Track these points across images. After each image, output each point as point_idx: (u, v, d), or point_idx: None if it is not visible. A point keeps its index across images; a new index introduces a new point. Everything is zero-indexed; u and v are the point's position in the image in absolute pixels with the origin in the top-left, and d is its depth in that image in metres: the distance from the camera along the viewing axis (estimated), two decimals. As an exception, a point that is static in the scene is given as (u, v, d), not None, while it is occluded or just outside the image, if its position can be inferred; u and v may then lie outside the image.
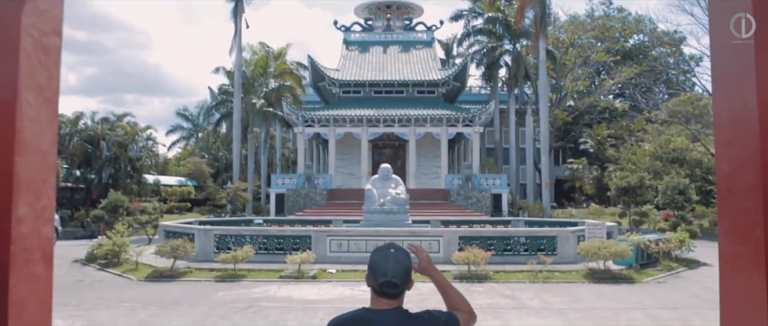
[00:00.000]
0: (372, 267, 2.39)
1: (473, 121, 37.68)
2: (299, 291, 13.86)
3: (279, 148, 46.38)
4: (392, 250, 2.42)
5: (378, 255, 2.41)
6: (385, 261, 2.37)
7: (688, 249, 18.53)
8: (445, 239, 18.05)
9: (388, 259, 2.37)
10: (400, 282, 2.35)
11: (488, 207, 35.30)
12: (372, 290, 2.42)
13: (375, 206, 20.73)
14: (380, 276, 2.34)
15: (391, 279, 2.33)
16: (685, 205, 25.37)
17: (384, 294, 2.36)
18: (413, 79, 40.38)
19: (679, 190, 25.02)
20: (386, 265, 2.36)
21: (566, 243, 18.19)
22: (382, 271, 2.35)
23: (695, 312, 11.82)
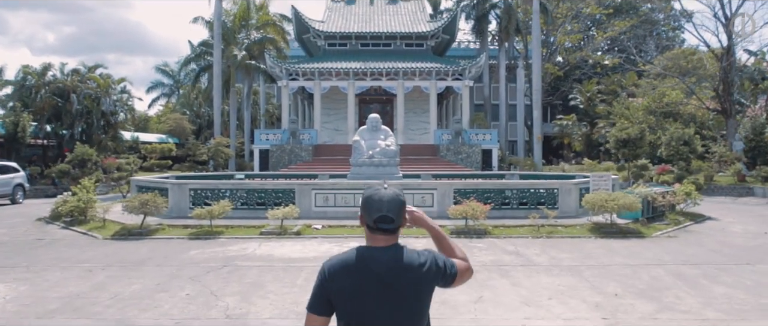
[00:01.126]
0: (366, 204, 2.34)
1: (463, 74, 35.98)
2: (281, 248, 12.36)
3: (263, 104, 44.41)
4: (385, 186, 2.38)
5: (371, 192, 2.37)
6: (379, 197, 2.33)
7: (694, 203, 17.23)
8: (440, 192, 16.58)
9: (381, 194, 2.33)
10: (395, 216, 2.31)
11: (478, 162, 33.94)
12: (367, 228, 2.37)
13: (363, 158, 19.17)
14: (374, 211, 2.30)
15: (386, 214, 2.29)
16: (690, 157, 24.09)
17: (380, 229, 2.32)
18: (401, 32, 38.44)
19: (684, 141, 23.68)
20: (380, 200, 2.31)
21: (568, 197, 16.80)
22: (377, 206, 2.31)
23: (720, 268, 10.49)
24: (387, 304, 2.30)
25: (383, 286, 2.29)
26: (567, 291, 8.81)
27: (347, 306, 2.32)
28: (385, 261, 2.31)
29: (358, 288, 2.30)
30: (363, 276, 2.30)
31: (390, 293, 2.30)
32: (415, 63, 36.00)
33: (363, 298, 2.30)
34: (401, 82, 35.72)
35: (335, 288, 2.32)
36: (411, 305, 2.34)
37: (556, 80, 47.19)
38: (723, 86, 30.20)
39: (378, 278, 2.29)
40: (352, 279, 2.31)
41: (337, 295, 2.32)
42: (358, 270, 2.31)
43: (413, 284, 2.34)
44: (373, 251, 2.35)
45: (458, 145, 34.22)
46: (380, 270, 2.29)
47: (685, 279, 9.60)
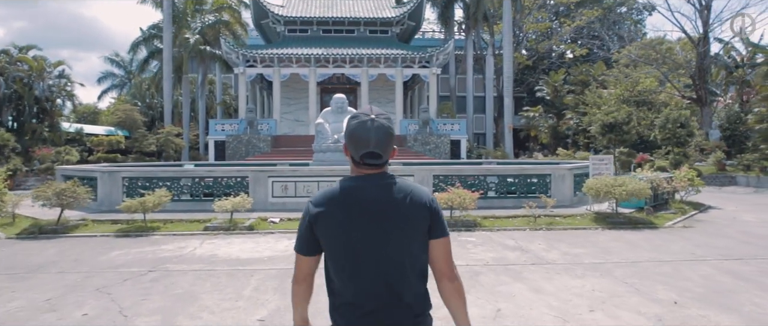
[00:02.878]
0: (352, 138, 2.06)
1: (430, 61, 33.57)
2: (228, 247, 9.68)
3: (219, 94, 41.15)
4: (372, 117, 2.07)
5: (358, 125, 2.05)
6: (366, 131, 2.03)
7: (696, 190, 15.19)
8: (417, 179, 14.10)
9: (369, 129, 2.04)
10: (383, 151, 2.05)
11: (447, 153, 31.67)
12: (351, 160, 2.11)
13: (327, 143, 16.56)
14: (361, 146, 2.04)
15: (373, 150, 2.03)
16: (687, 140, 22.27)
17: (366, 164, 2.07)
18: (365, 17, 35.83)
19: (681, 123, 21.82)
20: (368, 135, 2.03)
21: (562, 183, 14.54)
22: (364, 142, 2.03)
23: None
24: (379, 236, 2.00)
25: (373, 216, 2.00)
26: (608, 298, 6.45)
27: (335, 241, 2.03)
28: (374, 190, 2.03)
29: (346, 220, 2.00)
30: (350, 207, 2.01)
31: (381, 223, 2.00)
32: (380, 50, 33.46)
33: (352, 231, 2.00)
34: (365, 70, 33.14)
35: (321, 224, 2.04)
36: (405, 236, 2.02)
37: (522, 72, 45.31)
38: (699, 74, 28.69)
39: (367, 208, 2.01)
40: (339, 212, 2.01)
41: (323, 231, 2.04)
42: (345, 202, 2.02)
43: (405, 214, 2.02)
44: (360, 181, 2.06)
45: (426, 135, 31.85)
46: (369, 199, 2.02)
47: (745, 279, 7.38)
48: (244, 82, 33.16)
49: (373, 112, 2.10)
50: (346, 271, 2.04)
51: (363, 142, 2.02)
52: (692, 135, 22.20)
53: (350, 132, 2.07)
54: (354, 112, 2.30)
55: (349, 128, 2.08)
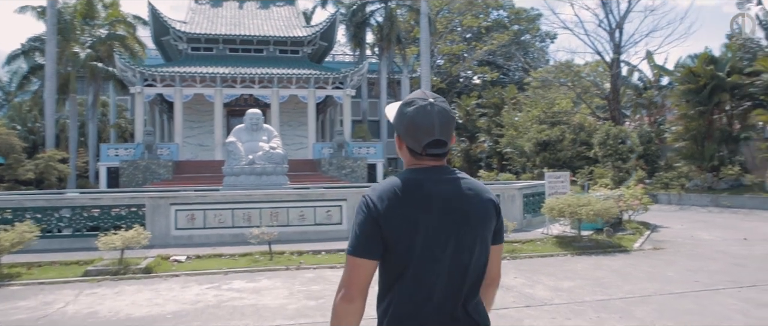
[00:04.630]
0: (412, 125, 1.79)
1: (344, 82, 31.65)
2: (115, 299, 7.02)
3: (113, 116, 36.94)
4: (431, 101, 1.80)
5: (417, 110, 1.79)
6: (429, 117, 1.77)
7: (644, 209, 14.03)
8: (351, 204, 11.91)
9: (431, 114, 1.78)
10: (448, 138, 1.81)
11: (364, 177, 29.73)
12: (409, 152, 1.84)
13: (241, 164, 14.05)
14: (425, 134, 1.77)
15: (439, 137, 1.78)
16: (629, 157, 21.53)
17: (430, 155, 1.81)
18: (275, 36, 33.42)
19: (621, 139, 21.08)
20: (431, 120, 1.77)
21: (512, 205, 12.87)
22: (427, 129, 1.77)
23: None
24: (450, 237, 1.75)
25: (445, 214, 1.75)
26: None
27: (402, 240, 1.73)
28: (443, 185, 1.78)
29: (416, 216, 1.73)
30: (422, 202, 1.74)
31: (454, 223, 1.76)
32: (292, 70, 31.13)
33: (422, 230, 1.73)
34: (276, 91, 30.65)
35: (390, 219, 1.73)
36: (477, 238, 1.79)
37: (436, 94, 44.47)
38: (613, 95, 28.67)
39: (438, 204, 1.75)
40: (408, 207, 1.74)
41: (392, 229, 1.73)
42: (416, 195, 1.75)
43: (478, 213, 1.80)
44: (428, 172, 1.80)
45: (341, 158, 29.75)
46: (439, 194, 1.76)
47: None
48: (142, 102, 29.66)
49: (429, 96, 1.82)
50: (408, 278, 1.74)
51: (426, 129, 1.76)
52: (633, 151, 21.64)
53: (410, 119, 1.78)
54: (406, 99, 1.84)
55: (407, 115, 1.79)
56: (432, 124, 1.76)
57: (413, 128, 1.77)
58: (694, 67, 21.92)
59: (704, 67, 21.26)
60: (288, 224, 11.52)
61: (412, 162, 1.85)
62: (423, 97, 1.82)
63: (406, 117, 1.79)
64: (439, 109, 1.79)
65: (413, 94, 1.84)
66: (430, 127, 1.76)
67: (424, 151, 1.79)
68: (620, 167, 20.92)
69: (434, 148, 1.79)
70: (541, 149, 21.65)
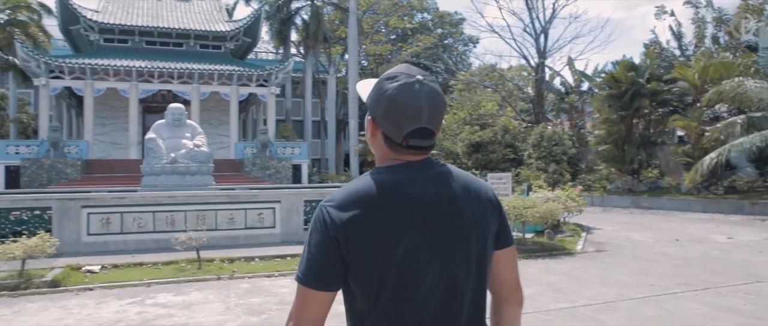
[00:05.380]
0: (393, 107, 1.36)
1: (269, 80, 30.46)
2: (12, 320, 5.92)
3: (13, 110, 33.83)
4: (419, 78, 1.38)
5: (401, 88, 1.36)
6: (416, 97, 1.35)
7: (579, 211, 14.07)
8: (285, 207, 11.09)
9: (419, 94, 1.36)
10: (436, 128, 1.40)
11: (288, 178, 28.76)
12: (386, 142, 1.40)
13: (162, 163, 12.87)
14: (409, 121, 1.35)
15: (426, 125, 1.36)
16: (562, 159, 21.68)
17: (413, 147, 1.38)
18: (196, 30, 31.73)
19: (555, 141, 21.20)
20: (418, 103, 1.35)
21: (451, 207, 12.44)
22: (412, 113, 1.35)
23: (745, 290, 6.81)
24: (437, 249, 1.34)
25: (429, 220, 1.34)
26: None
27: (374, 262, 1.31)
28: (425, 183, 1.37)
29: (391, 228, 1.31)
30: (397, 210, 1.33)
31: (441, 230, 1.35)
32: (214, 65, 29.61)
33: (400, 245, 1.31)
34: (196, 87, 29.06)
35: (354, 236, 1.31)
36: (473, 246, 1.38)
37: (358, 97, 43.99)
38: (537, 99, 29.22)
39: (420, 209, 1.34)
40: (380, 217, 1.32)
41: (357, 247, 1.31)
42: (389, 202, 1.33)
43: (472, 215, 1.40)
44: (403, 171, 1.38)
45: (265, 158, 28.61)
46: (421, 195, 1.35)
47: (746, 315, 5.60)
48: (47, 96, 27.26)
49: (416, 72, 1.40)
50: (387, 306, 1.32)
51: (411, 113, 1.34)
52: (566, 153, 21.93)
53: (390, 98, 1.35)
54: (388, 73, 1.42)
55: (387, 93, 1.36)
56: (419, 107, 1.35)
57: (395, 110, 1.36)
58: (616, 73, 22.58)
59: (625, 74, 21.93)
60: (216, 228, 10.55)
61: (388, 156, 1.42)
62: (409, 72, 1.40)
63: (386, 95, 1.37)
64: (429, 89, 1.38)
65: (397, 68, 1.43)
66: (416, 110, 1.35)
67: (405, 142, 1.37)
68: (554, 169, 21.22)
69: (419, 139, 1.38)
70: (473, 150, 21.57)
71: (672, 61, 22.67)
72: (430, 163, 1.43)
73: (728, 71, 18.78)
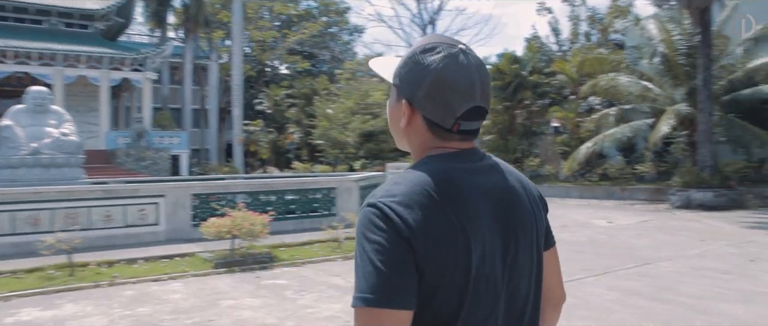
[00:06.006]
0: (442, 84, 1.12)
1: (144, 64, 28.35)
2: None
3: None
4: (462, 47, 1.17)
5: (448, 62, 1.13)
6: (466, 71, 1.13)
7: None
8: (170, 201, 10.12)
9: (469, 67, 1.14)
10: (488, 106, 1.19)
11: (167, 170, 27.05)
12: (429, 128, 1.16)
13: (22, 153, 11.33)
14: (463, 100, 1.13)
15: (480, 104, 1.15)
16: None
17: (463, 132, 1.16)
18: (59, 6, 28.78)
19: None
20: (470, 77, 1.13)
21: (348, 198, 12.05)
22: (465, 90, 1.13)
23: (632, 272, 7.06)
24: (507, 251, 1.14)
25: (502, 220, 1.14)
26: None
27: (457, 271, 1.07)
28: (489, 173, 1.17)
29: (471, 228, 1.08)
30: (473, 204, 1.11)
31: (509, 229, 1.15)
32: (81, 47, 27.00)
33: (475, 246, 1.08)
34: (61, 70, 26.35)
35: (431, 239, 1.05)
36: (536, 247, 1.22)
37: (243, 83, 42.40)
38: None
39: (492, 206, 1.14)
40: (457, 213, 1.08)
41: (433, 253, 1.05)
42: (456, 196, 1.10)
43: (532, 212, 1.22)
44: (461, 160, 1.15)
45: (140, 149, 26.68)
46: (490, 189, 1.15)
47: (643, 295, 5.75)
48: None
49: (455, 41, 1.18)
50: (461, 318, 1.09)
51: (463, 90, 1.12)
52: None
53: (435, 75, 1.12)
54: (422, 44, 1.17)
55: (431, 69, 1.12)
56: (471, 81, 1.13)
57: (443, 88, 1.13)
58: (501, 65, 23.35)
59: (510, 66, 22.74)
60: (90, 227, 9.37)
61: (432, 144, 1.18)
62: (448, 41, 1.18)
63: (428, 71, 1.14)
64: (476, 60, 1.17)
65: (431, 38, 1.19)
66: (468, 86, 1.13)
67: (456, 126, 1.15)
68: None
69: (472, 121, 1.16)
70: (365, 140, 21.36)
71: (551, 55, 23.83)
72: (479, 154, 1.20)
73: (602, 66, 20.02)
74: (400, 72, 1.19)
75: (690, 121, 16.72)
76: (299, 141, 38.32)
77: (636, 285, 6.61)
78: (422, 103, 1.14)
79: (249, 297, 6.36)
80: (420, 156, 1.19)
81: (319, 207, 11.71)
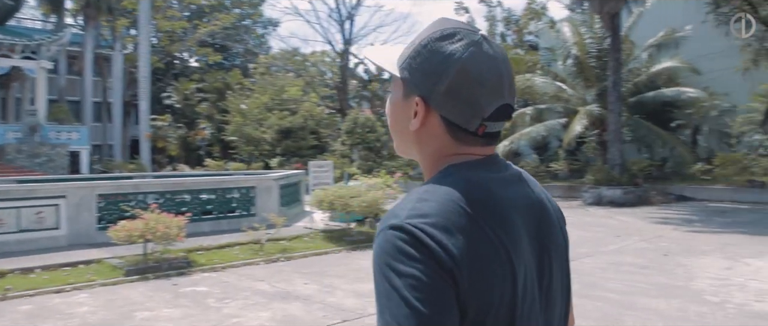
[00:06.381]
0: (467, 79, 0.93)
1: (38, 52, 26.15)
2: None
3: None
4: (484, 34, 0.96)
5: (474, 52, 0.93)
6: (494, 63, 0.94)
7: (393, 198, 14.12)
8: (73, 202, 9.20)
9: (496, 59, 0.95)
10: (514, 104, 1.02)
11: (65, 167, 25.15)
12: (451, 131, 0.96)
13: None
14: (491, 97, 0.94)
15: (508, 101, 0.97)
16: (376, 145, 21.35)
17: (489, 136, 0.97)
18: (-63, -15, 25.96)
19: (369, 127, 20.82)
20: (498, 70, 0.95)
21: (268, 197, 11.53)
22: (494, 86, 0.94)
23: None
24: (546, 277, 1.00)
25: (538, 238, 0.99)
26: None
27: (502, 305, 0.89)
28: (516, 183, 1.00)
29: (514, 251, 0.91)
30: (510, 223, 0.93)
31: (544, 248, 0.99)
32: (-36, 30, 24.54)
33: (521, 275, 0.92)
34: (-61, 56, 23.83)
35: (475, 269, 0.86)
36: (567, 267, 1.08)
37: (150, 76, 40.33)
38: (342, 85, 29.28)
39: (528, 220, 0.97)
40: (497, 235, 0.89)
41: (477, 286, 0.86)
42: (500, 211, 0.92)
43: (562, 228, 1.08)
44: (488, 168, 0.97)
45: (34, 144, 24.62)
46: (526, 202, 0.98)
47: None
48: None
49: (469, 25, 0.98)
50: None
51: (491, 85, 0.93)
52: (379, 140, 21.88)
53: (461, 67, 0.92)
54: (440, 29, 0.97)
55: (453, 60, 0.93)
56: (500, 75, 0.94)
57: (470, 84, 0.92)
58: (420, 63, 23.34)
59: (428, 64, 22.78)
60: (-24, 232, 8.34)
61: (450, 150, 0.98)
62: (468, 27, 0.96)
63: (450, 62, 0.92)
64: (501, 51, 0.97)
65: (446, 23, 0.97)
66: (497, 81, 0.93)
67: (482, 128, 0.95)
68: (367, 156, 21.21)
69: (498, 121, 0.96)
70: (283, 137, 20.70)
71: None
72: (501, 160, 1.02)
73: (518, 67, 20.51)
74: (410, 63, 0.97)
75: (601, 121, 17.45)
76: (211, 137, 36.97)
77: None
78: (442, 100, 0.94)
79: (167, 307, 5.80)
80: (436, 164, 0.99)
81: (238, 208, 11.11)
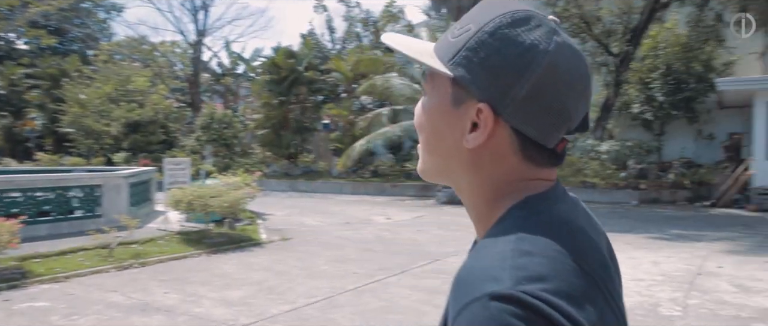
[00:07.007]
0: (557, 83, 0.70)
1: None
2: None
3: None
4: (557, 21, 0.74)
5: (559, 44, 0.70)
6: (580, 61, 0.73)
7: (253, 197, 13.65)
8: None
9: (581, 56, 0.73)
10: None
11: None
12: (525, 149, 0.73)
13: None
14: (579, 102, 0.73)
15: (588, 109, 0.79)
16: (233, 142, 20.11)
17: (563, 156, 0.77)
18: None
19: (226, 123, 19.55)
20: (585, 71, 0.74)
21: (117, 197, 10.56)
22: (583, 89, 0.74)
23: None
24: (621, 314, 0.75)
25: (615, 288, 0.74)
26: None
27: None
28: (583, 212, 0.79)
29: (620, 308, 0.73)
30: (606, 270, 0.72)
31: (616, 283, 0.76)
32: None
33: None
34: None
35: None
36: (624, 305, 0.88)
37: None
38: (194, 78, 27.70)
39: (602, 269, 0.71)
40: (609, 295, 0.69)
41: None
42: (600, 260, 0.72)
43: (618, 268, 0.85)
44: (565, 201, 0.76)
45: None
46: (602, 244, 0.77)
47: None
48: None
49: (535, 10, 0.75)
50: None
51: (582, 87, 0.73)
52: (236, 136, 20.78)
53: (550, 65, 0.69)
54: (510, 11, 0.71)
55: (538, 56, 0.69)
56: (586, 74, 0.74)
57: (558, 87, 0.71)
58: (276, 59, 22.88)
59: (285, 60, 22.39)
60: None
61: (523, 175, 0.75)
62: (534, 11, 0.73)
63: (535, 57, 0.69)
64: (575, 45, 0.74)
65: (510, 3, 0.73)
66: (585, 82, 0.74)
67: (561, 146, 0.75)
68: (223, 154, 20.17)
69: (573, 134, 0.78)
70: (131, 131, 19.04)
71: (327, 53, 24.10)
72: (561, 186, 0.80)
73: (376, 67, 20.78)
74: (468, 57, 0.71)
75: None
76: (42, 128, 33.29)
77: (436, 283, 6.77)
78: (519, 108, 0.70)
79: (-2, 329, 5.04)
80: (497, 195, 0.76)
81: (81, 208, 10.04)
